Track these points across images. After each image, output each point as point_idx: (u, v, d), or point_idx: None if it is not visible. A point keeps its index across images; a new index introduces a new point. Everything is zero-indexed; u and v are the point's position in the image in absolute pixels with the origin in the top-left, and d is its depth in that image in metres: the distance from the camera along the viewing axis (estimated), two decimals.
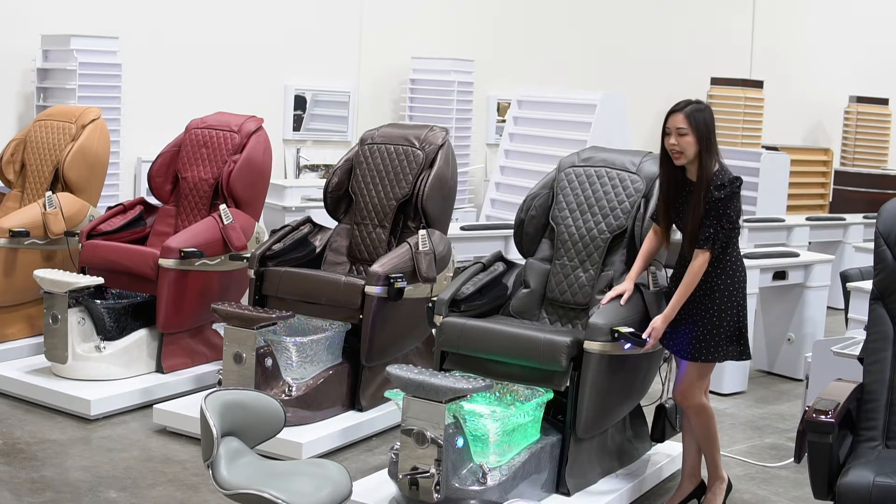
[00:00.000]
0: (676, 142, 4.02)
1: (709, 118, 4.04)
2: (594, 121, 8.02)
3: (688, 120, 3.99)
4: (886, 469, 3.34)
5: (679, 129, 4.01)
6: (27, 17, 7.12)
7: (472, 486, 3.90)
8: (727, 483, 4.40)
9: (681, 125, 4.00)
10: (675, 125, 4.02)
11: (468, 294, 4.49)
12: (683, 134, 4.00)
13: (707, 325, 4.08)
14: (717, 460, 4.36)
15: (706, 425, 4.27)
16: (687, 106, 4.03)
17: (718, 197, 3.97)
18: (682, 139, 4.01)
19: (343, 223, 5.62)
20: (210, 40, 7.99)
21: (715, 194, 3.97)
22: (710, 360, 4.14)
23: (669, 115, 4.05)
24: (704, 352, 4.11)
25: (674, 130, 4.02)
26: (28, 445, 4.79)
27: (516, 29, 10.04)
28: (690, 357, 4.15)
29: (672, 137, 4.03)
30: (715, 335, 4.09)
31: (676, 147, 4.02)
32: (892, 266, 3.83)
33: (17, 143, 6.36)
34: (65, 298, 5.27)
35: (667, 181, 4.15)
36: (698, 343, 4.11)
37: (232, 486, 3.07)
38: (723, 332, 4.09)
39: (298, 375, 4.98)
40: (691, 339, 4.11)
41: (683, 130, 4.00)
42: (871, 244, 4.46)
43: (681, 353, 4.19)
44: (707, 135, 4.00)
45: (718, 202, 3.97)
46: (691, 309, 4.09)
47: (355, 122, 8.94)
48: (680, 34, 11.42)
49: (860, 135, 12.66)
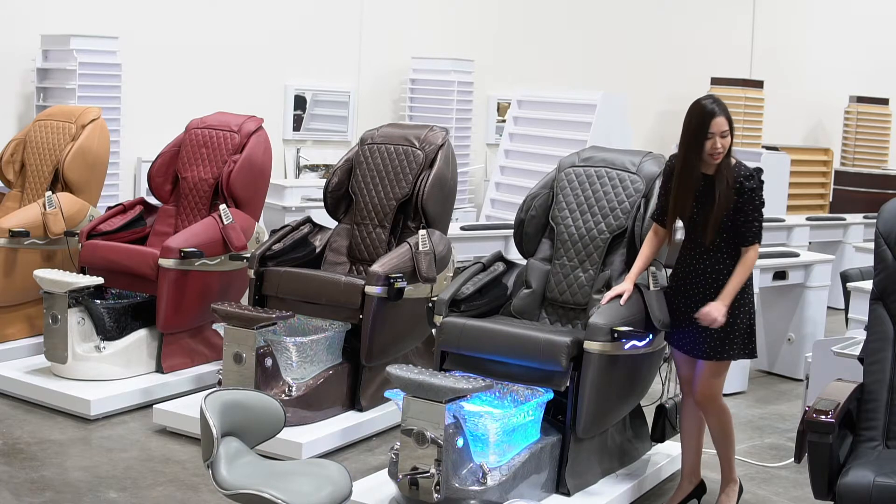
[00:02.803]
0: (721, 144, 4.01)
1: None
2: (594, 121, 8.02)
3: (728, 121, 4.03)
4: (886, 469, 3.34)
5: (723, 132, 4.01)
6: (27, 17, 7.12)
7: (472, 486, 3.90)
8: (739, 485, 4.41)
9: (725, 127, 4.01)
10: (719, 129, 4.00)
11: (468, 294, 4.49)
12: (726, 135, 4.02)
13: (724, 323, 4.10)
14: (732, 462, 4.37)
15: (725, 427, 4.29)
16: (720, 105, 4.03)
17: (752, 187, 4.03)
18: (724, 140, 4.02)
19: (343, 223, 5.62)
20: (210, 40, 7.99)
21: (747, 185, 4.02)
22: (726, 358, 4.17)
23: (710, 118, 4.00)
24: (720, 350, 4.13)
25: (718, 133, 4.01)
26: (28, 445, 4.79)
27: (516, 29, 10.04)
28: (706, 356, 4.16)
29: (717, 141, 4.01)
30: (730, 333, 4.12)
31: (720, 149, 4.02)
32: (892, 266, 3.83)
33: (17, 143, 6.36)
34: (65, 298, 5.27)
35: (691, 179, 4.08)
36: (713, 342, 4.12)
37: (232, 486, 3.07)
38: (738, 330, 4.13)
39: (298, 375, 4.98)
40: (707, 338, 4.13)
41: (726, 132, 4.02)
42: (871, 244, 4.46)
43: (696, 353, 4.19)
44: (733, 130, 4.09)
45: (752, 192, 4.03)
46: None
47: (355, 122, 8.94)
48: (680, 34, 11.42)
49: (860, 135, 12.66)
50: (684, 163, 4.08)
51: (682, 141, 4.08)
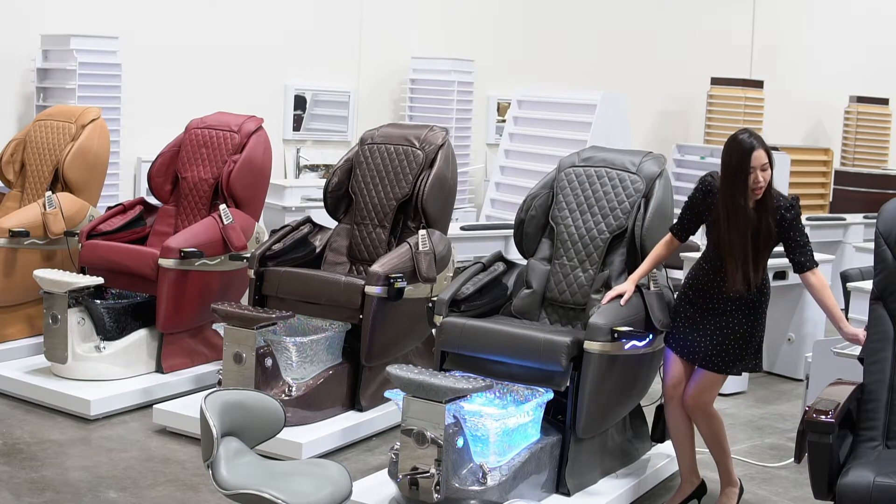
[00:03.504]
0: (763, 178, 4.00)
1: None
2: (594, 121, 8.02)
3: (769, 156, 4.02)
4: (886, 469, 3.34)
5: (763, 166, 4.00)
6: (27, 17, 7.12)
7: (472, 486, 3.90)
8: (739, 487, 4.41)
9: (764, 161, 4.00)
10: (760, 163, 3.99)
11: (468, 294, 4.49)
12: (766, 169, 4.01)
13: (738, 338, 4.13)
14: (728, 466, 4.37)
15: (715, 432, 4.29)
16: (756, 139, 4.01)
17: (794, 216, 4.07)
18: (765, 173, 4.01)
19: (343, 223, 5.62)
20: (210, 40, 7.99)
21: (789, 216, 4.06)
22: (734, 372, 4.21)
23: (750, 152, 3.97)
24: (730, 363, 4.16)
25: (758, 167, 3.99)
26: (28, 445, 4.79)
27: (516, 29, 10.04)
28: (716, 368, 4.17)
29: (758, 174, 3.99)
30: (744, 347, 4.15)
31: (763, 183, 4.01)
32: (892, 266, 3.83)
33: (17, 143, 6.36)
34: (65, 298, 5.27)
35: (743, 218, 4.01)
36: (726, 355, 4.14)
37: (232, 486, 3.07)
38: (751, 346, 4.17)
39: (298, 375, 4.98)
40: (719, 349, 4.14)
41: (766, 166, 4.01)
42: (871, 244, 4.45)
43: (703, 363, 4.19)
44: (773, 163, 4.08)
45: (795, 220, 4.07)
46: (724, 321, 4.11)
47: (355, 122, 8.94)
48: (680, 34, 11.42)
49: (860, 135, 12.66)
50: (732, 202, 4.02)
51: (724, 179, 4.05)
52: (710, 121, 10.93)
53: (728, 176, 4.01)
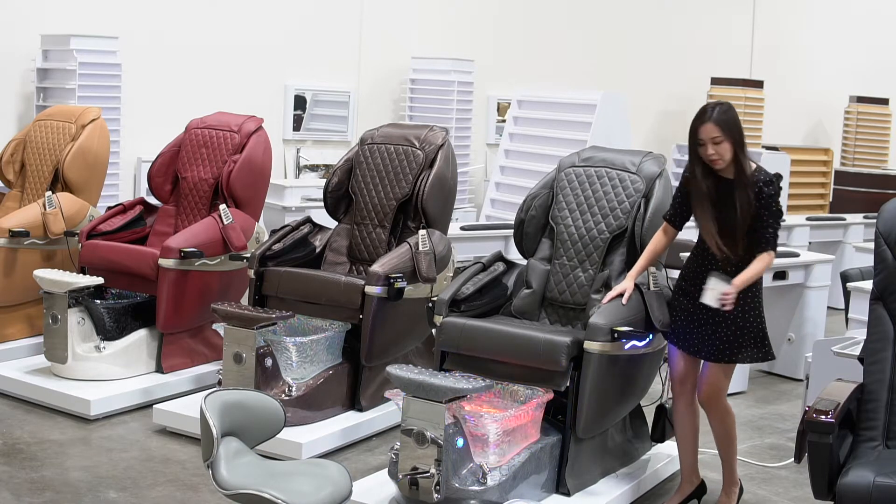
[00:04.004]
0: (714, 150, 3.99)
1: (735, 118, 4.04)
2: (594, 121, 8.02)
3: (719, 127, 3.97)
4: (886, 469, 3.34)
5: (714, 139, 3.98)
6: (27, 17, 7.12)
7: (472, 486, 3.90)
8: (739, 487, 4.41)
9: (714, 134, 3.97)
10: (708, 135, 3.98)
11: (468, 294, 4.49)
12: (719, 142, 3.98)
13: (732, 326, 4.10)
14: (734, 464, 4.36)
15: (728, 429, 4.28)
16: (714, 112, 3.99)
17: (770, 193, 4.01)
18: (718, 147, 3.98)
19: (343, 223, 5.62)
20: (210, 40, 7.99)
21: (766, 191, 4.00)
22: (734, 361, 4.16)
23: (699, 125, 4.00)
24: (728, 353, 4.13)
25: (708, 140, 3.98)
26: (28, 445, 4.79)
27: (516, 29, 10.04)
28: (715, 358, 4.15)
29: (708, 147, 3.99)
30: (740, 336, 4.12)
31: (715, 155, 3.99)
32: (892, 266, 3.82)
33: (17, 143, 6.36)
34: (65, 298, 5.27)
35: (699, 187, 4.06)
36: (723, 344, 4.12)
37: (232, 486, 3.07)
38: (748, 333, 4.13)
39: (298, 375, 4.98)
40: (716, 340, 4.13)
41: (718, 138, 3.98)
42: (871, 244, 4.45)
43: (705, 356, 4.18)
44: (739, 136, 4.02)
45: (770, 198, 4.01)
46: (715, 310, 4.08)
47: (355, 122, 8.94)
48: (680, 34, 11.42)
49: (860, 135, 12.65)
50: (690, 171, 4.09)
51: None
52: None
53: (688, 145, 4.07)
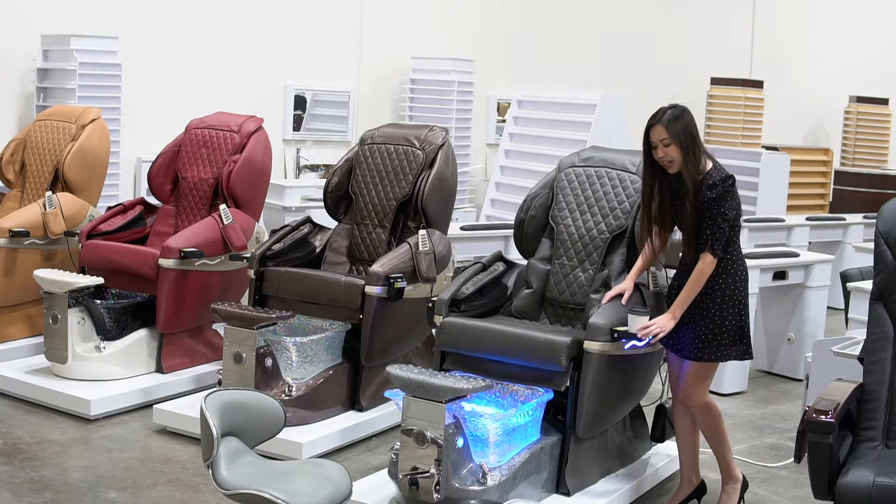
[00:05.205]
0: (664, 153, 4.03)
1: (688, 122, 4.04)
2: (594, 121, 8.02)
3: (668, 130, 3.99)
4: (886, 469, 3.34)
5: (663, 141, 4.01)
6: (27, 17, 7.12)
7: (472, 486, 3.90)
8: (742, 482, 4.38)
9: (663, 136, 4.01)
10: (657, 137, 4.02)
11: (468, 294, 4.49)
12: (667, 144, 4.01)
13: (709, 324, 4.08)
14: (728, 460, 4.34)
15: (713, 425, 4.27)
16: (664, 115, 4.02)
17: (711, 197, 3.99)
18: (667, 149, 4.02)
19: (343, 223, 5.62)
20: (210, 40, 7.99)
21: (707, 194, 3.99)
22: (712, 359, 4.14)
23: (649, 127, 4.05)
24: (707, 351, 4.11)
25: (658, 143, 4.03)
26: (28, 445, 4.79)
27: (516, 29, 10.05)
28: (693, 357, 4.14)
29: (658, 150, 4.04)
30: (717, 335, 4.09)
31: (665, 158, 4.03)
32: (892, 266, 3.83)
33: (17, 143, 6.36)
34: (65, 298, 5.27)
35: (660, 187, 4.13)
36: (700, 343, 4.11)
37: (232, 486, 3.07)
38: (725, 331, 4.09)
39: (298, 375, 4.98)
40: (693, 338, 4.11)
41: (666, 141, 4.01)
42: (871, 244, 4.46)
43: (683, 353, 4.18)
44: (688, 140, 4.01)
45: (712, 202, 3.99)
46: (693, 308, 4.08)
47: (355, 122, 8.94)
48: (680, 34, 11.42)
49: (860, 135, 12.66)
50: (648, 172, 4.14)
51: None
52: (710, 121, 10.94)
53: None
